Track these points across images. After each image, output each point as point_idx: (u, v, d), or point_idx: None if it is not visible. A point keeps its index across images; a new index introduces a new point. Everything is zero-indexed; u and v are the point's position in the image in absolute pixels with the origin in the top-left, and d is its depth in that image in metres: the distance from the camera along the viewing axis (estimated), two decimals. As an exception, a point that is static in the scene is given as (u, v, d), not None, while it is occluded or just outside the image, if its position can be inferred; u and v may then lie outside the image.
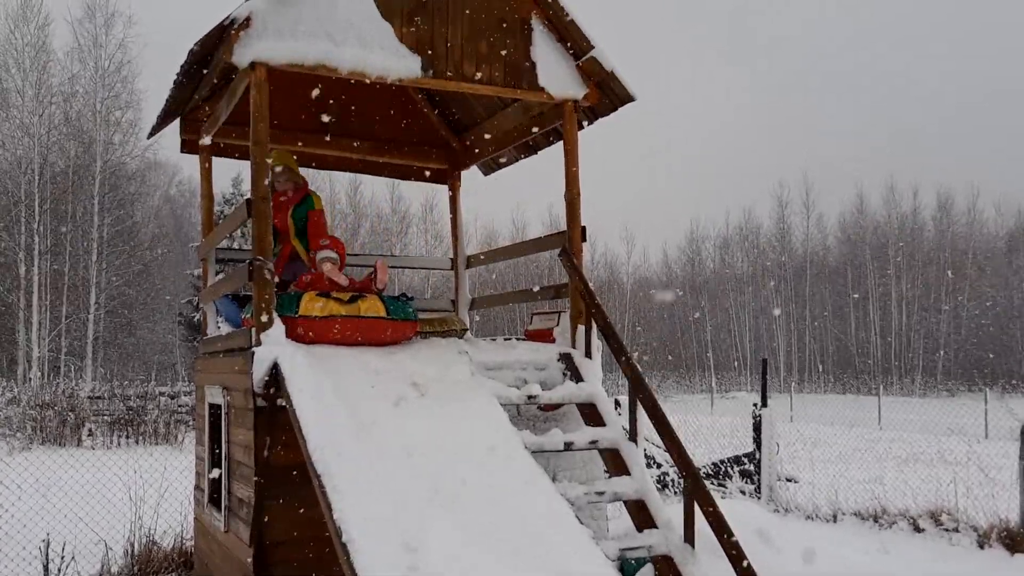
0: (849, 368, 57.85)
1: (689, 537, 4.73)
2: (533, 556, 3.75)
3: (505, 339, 6.45)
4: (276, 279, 5.35)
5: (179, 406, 23.14)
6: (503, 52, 5.75)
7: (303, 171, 7.08)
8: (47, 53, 36.04)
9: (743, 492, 11.61)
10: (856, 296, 59.00)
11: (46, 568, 7.39)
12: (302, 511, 4.76)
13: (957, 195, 62.63)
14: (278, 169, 6.49)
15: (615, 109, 6.21)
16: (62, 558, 7.45)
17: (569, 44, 5.92)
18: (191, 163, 57.51)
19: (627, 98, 6.06)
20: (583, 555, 3.86)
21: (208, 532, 6.31)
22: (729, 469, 12.05)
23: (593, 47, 5.82)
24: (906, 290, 58.40)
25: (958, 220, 61.43)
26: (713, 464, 12.40)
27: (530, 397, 5.21)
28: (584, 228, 6.04)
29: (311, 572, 4.83)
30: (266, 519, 4.85)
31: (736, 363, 62.43)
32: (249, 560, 4.86)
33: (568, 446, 5.07)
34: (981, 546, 8.66)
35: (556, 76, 5.88)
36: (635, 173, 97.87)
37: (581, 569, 3.78)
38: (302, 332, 5.02)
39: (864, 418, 27.22)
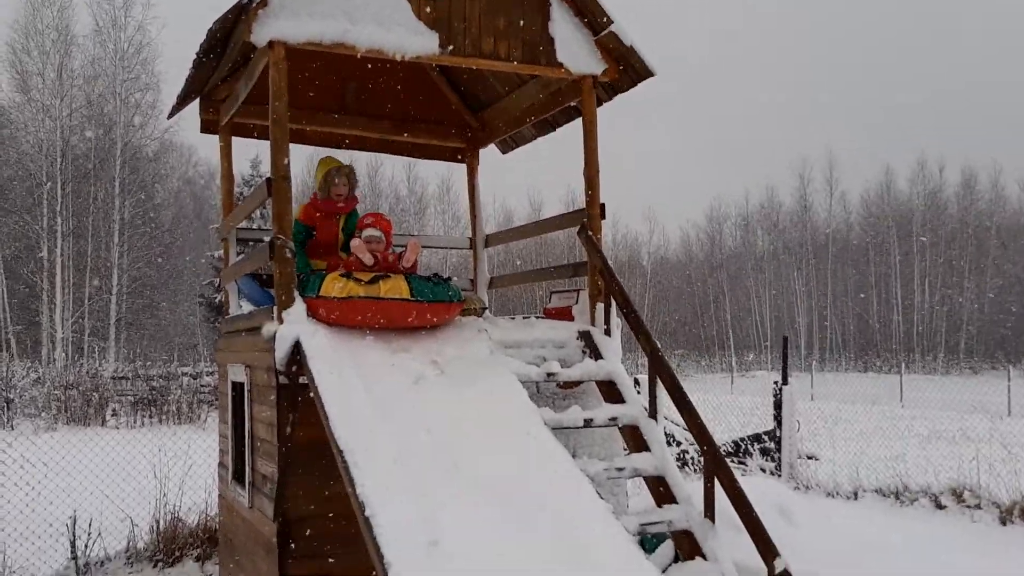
0: (871, 346, 57.51)
1: (709, 512, 4.73)
2: (553, 531, 3.77)
3: (524, 318, 6.45)
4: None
5: (201, 386, 23.38)
6: (521, 28, 5.71)
7: (320, 149, 7.01)
8: (68, 36, 36.20)
9: (763, 470, 11.61)
10: (881, 263, 58.56)
11: (73, 544, 7.51)
12: (325, 487, 4.80)
13: (980, 171, 61.75)
14: (335, 171, 6.00)
15: (634, 85, 6.15)
16: (88, 534, 7.57)
17: (587, 19, 5.87)
18: (207, 145, 57.57)
19: (646, 73, 6.01)
20: (603, 530, 3.87)
21: (232, 508, 6.38)
22: (749, 447, 12.04)
23: (612, 22, 5.76)
24: (929, 267, 57.90)
25: (981, 197, 60.76)
26: (733, 442, 12.40)
27: (549, 374, 5.21)
28: (603, 205, 5.99)
29: (334, 547, 4.88)
30: (289, 495, 4.90)
31: (756, 342, 62.21)
32: (273, 535, 4.92)
33: (588, 423, 5.08)
34: (1003, 523, 8.65)
35: (574, 52, 5.84)
36: (656, 151, 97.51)
37: (601, 544, 3.79)
38: (324, 313, 4.90)
39: (886, 396, 27.12)
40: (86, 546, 7.52)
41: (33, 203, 34.96)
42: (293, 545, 4.89)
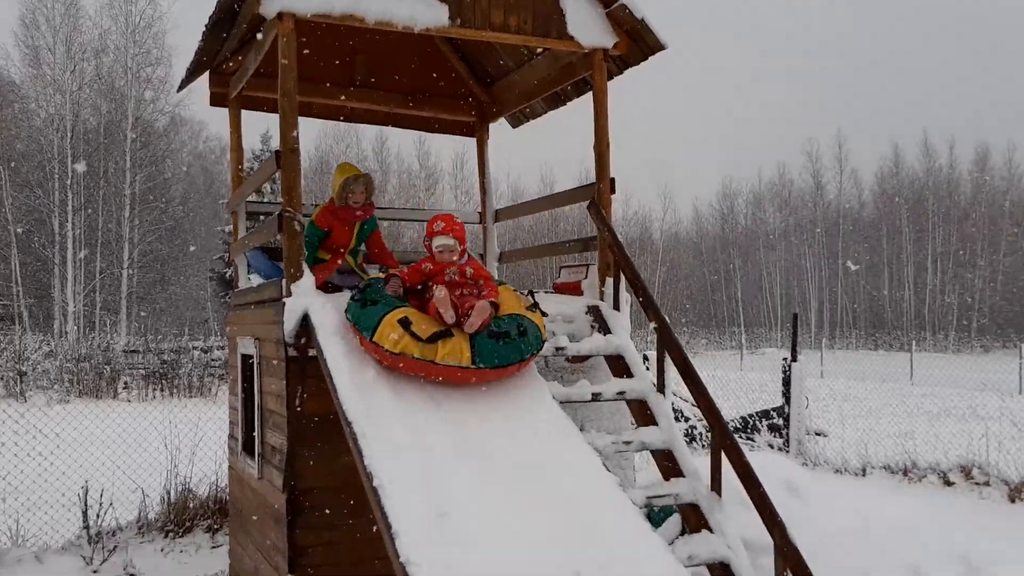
0: (881, 324, 57.33)
1: (716, 486, 4.74)
2: (561, 503, 3.79)
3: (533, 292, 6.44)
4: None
5: (212, 360, 23.50)
6: (531, 0, 5.66)
7: (330, 124, 6.95)
8: (76, 9, 36.11)
9: (771, 446, 11.63)
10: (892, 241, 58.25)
11: (85, 514, 7.59)
12: (334, 458, 4.82)
13: (993, 149, 61.18)
14: (352, 180, 5.53)
15: (646, 58, 6.09)
16: (100, 505, 7.64)
17: (599, -9, 5.81)
18: (217, 120, 57.46)
19: (658, 47, 5.95)
20: (611, 503, 3.89)
21: (242, 480, 6.43)
22: (757, 423, 12.05)
23: (623, -6, 5.71)
24: (941, 245, 57.55)
25: (995, 174, 60.22)
26: (741, 418, 12.41)
27: (558, 349, 5.21)
28: (613, 180, 5.97)
29: (343, 518, 4.91)
30: (299, 466, 4.93)
31: (767, 319, 62.11)
32: (282, 506, 4.96)
33: (596, 397, 5.08)
34: (1012, 500, 8.66)
35: (585, 24, 5.78)
36: (666, 127, 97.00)
37: (609, 517, 3.81)
38: (377, 358, 4.39)
39: (896, 374, 27.06)
40: (98, 516, 7.60)
41: (44, 177, 35.03)
42: (302, 516, 4.93)
